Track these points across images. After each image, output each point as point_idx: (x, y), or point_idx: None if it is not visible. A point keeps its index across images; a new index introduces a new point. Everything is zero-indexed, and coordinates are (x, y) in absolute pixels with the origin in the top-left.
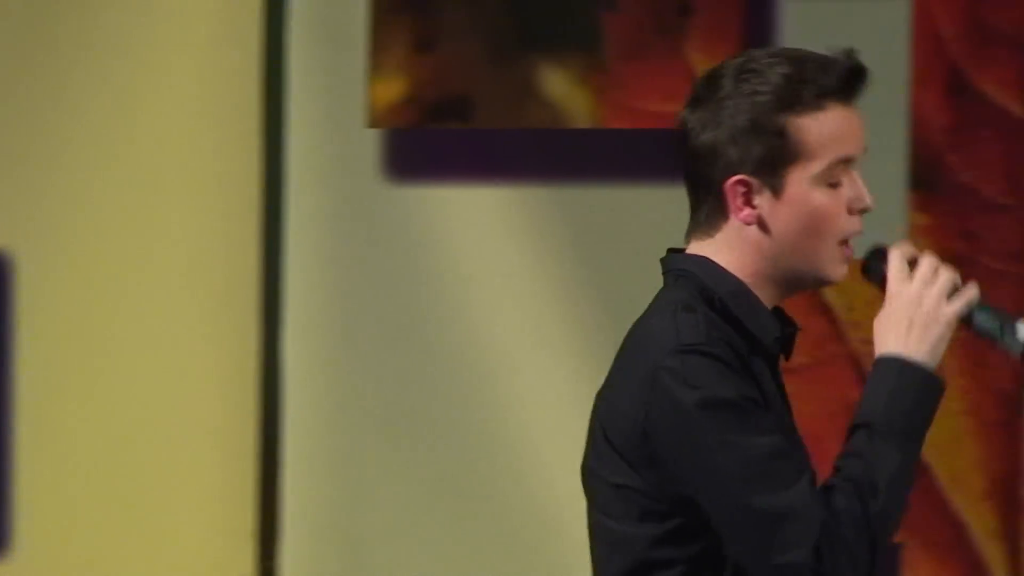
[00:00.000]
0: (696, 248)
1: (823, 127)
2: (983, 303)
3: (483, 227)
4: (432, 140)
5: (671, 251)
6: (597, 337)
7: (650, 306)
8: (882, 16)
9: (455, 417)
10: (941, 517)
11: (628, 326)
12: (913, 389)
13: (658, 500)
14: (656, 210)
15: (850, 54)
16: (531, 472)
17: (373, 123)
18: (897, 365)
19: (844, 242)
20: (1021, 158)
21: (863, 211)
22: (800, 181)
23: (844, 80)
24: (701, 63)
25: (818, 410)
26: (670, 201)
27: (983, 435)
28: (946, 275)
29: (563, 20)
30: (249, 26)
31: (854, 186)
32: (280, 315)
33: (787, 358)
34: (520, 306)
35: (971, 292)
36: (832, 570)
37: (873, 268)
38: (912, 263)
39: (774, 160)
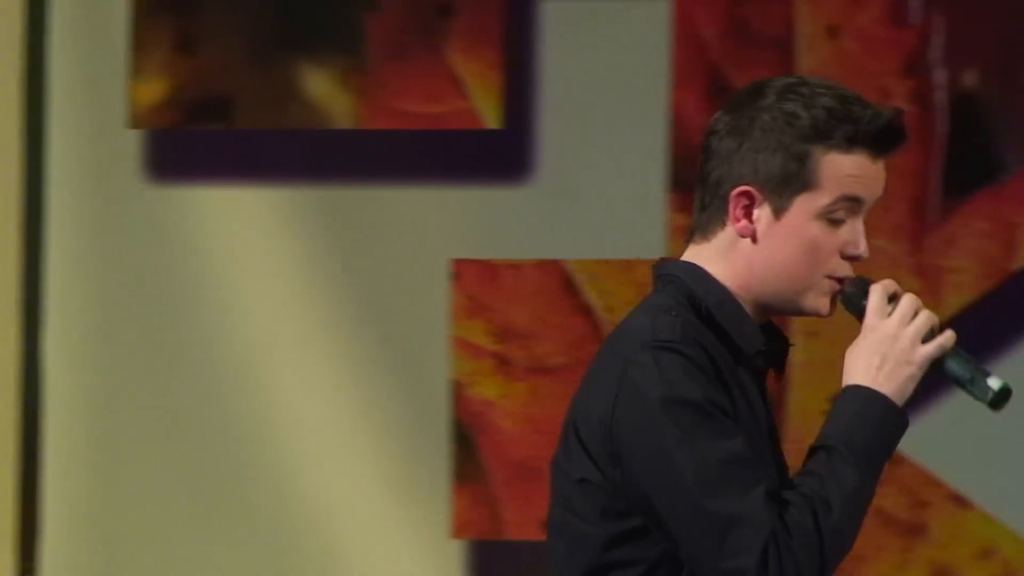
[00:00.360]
0: (692, 251)
1: (841, 167)
2: (957, 349)
3: (244, 228)
4: (193, 141)
5: (663, 260)
6: (357, 337)
7: (634, 309)
8: (642, 17)
9: (214, 417)
10: None
11: (388, 325)
12: (877, 418)
13: (619, 498)
14: (417, 210)
15: (899, 114)
16: (289, 472)
17: (134, 124)
18: (863, 394)
19: (832, 276)
20: None
21: (855, 258)
22: (803, 211)
23: (881, 134)
24: (462, 64)
25: None
26: (431, 201)
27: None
28: (925, 317)
29: (324, 21)
30: (9, 26)
31: (854, 231)
32: (40, 316)
33: (779, 373)
34: (281, 307)
35: (947, 337)
36: None
37: (853, 299)
38: (892, 299)
39: (785, 182)
